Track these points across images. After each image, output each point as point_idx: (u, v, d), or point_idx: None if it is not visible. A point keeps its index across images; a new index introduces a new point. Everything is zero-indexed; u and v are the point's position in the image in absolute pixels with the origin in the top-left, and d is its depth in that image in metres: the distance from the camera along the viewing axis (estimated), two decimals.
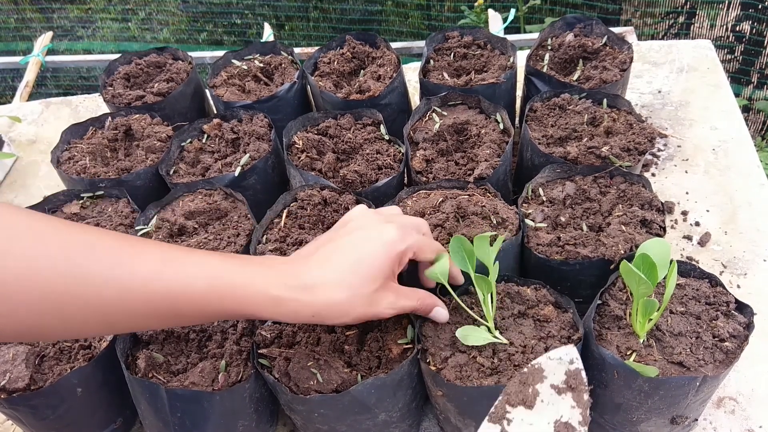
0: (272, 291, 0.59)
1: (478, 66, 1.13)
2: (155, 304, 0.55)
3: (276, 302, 0.59)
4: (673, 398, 0.65)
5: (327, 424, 0.71)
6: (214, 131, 1.06)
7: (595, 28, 1.14)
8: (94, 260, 0.53)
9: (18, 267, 0.50)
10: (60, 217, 0.97)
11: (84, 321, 0.54)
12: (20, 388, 0.74)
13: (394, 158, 0.97)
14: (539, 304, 0.74)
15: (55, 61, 2.10)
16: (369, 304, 0.62)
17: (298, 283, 0.60)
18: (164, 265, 0.56)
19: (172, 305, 0.56)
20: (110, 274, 0.53)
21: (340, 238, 0.65)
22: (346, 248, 0.63)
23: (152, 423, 0.74)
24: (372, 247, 0.63)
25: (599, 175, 0.88)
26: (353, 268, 0.62)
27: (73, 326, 0.54)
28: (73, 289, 0.52)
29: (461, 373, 0.68)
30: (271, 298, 0.59)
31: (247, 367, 0.74)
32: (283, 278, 0.60)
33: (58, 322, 0.53)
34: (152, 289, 0.55)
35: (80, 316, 0.53)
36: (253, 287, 0.59)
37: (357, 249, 0.63)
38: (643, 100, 1.23)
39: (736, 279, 0.92)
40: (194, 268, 0.57)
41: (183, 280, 0.56)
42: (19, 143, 1.44)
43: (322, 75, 1.16)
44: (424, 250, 0.68)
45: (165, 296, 0.55)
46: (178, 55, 1.28)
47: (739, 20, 2.36)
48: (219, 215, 0.92)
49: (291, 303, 0.59)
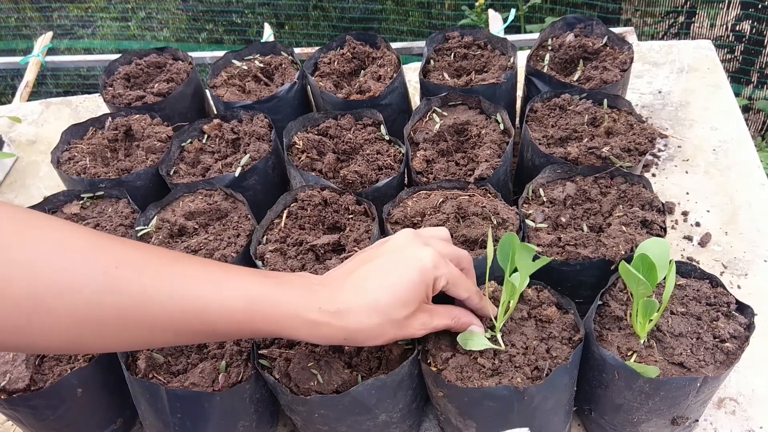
0: (308, 315, 0.59)
1: (478, 66, 1.13)
2: (193, 323, 0.56)
3: (311, 326, 0.59)
4: (673, 399, 0.65)
5: (327, 425, 0.71)
6: (215, 131, 1.06)
7: (596, 29, 1.14)
8: (139, 278, 0.53)
9: (63, 281, 0.49)
10: (60, 217, 0.97)
11: (119, 337, 0.54)
12: (20, 389, 0.74)
13: (395, 159, 0.97)
14: (542, 305, 0.74)
15: (55, 61, 2.10)
16: (401, 327, 0.62)
17: (332, 308, 0.60)
18: (204, 285, 0.56)
19: (209, 325, 0.56)
20: (153, 292, 0.53)
21: (377, 257, 0.65)
22: (380, 271, 0.63)
23: (152, 423, 0.74)
24: (406, 271, 0.62)
25: (600, 175, 0.88)
26: (387, 294, 0.61)
27: (108, 342, 0.54)
28: (116, 305, 0.52)
29: (462, 374, 0.67)
30: (306, 322, 0.59)
31: (248, 367, 0.74)
32: (318, 302, 0.60)
33: (95, 338, 0.53)
34: (192, 309, 0.55)
35: (117, 333, 0.53)
36: (289, 310, 0.59)
37: (391, 273, 0.63)
38: (644, 101, 1.23)
39: (737, 279, 0.92)
40: (233, 289, 0.57)
41: (222, 301, 0.56)
42: (19, 143, 1.44)
43: (323, 75, 1.16)
44: (457, 285, 0.66)
45: (203, 315, 0.56)
46: (178, 56, 1.28)
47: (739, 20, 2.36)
48: (219, 216, 0.92)
49: (325, 327, 0.60)
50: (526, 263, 0.66)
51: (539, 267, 0.66)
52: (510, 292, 0.68)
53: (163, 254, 0.57)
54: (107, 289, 0.51)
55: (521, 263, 0.66)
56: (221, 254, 0.84)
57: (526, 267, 0.66)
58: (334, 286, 0.63)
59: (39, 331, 0.50)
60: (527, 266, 0.66)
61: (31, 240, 0.50)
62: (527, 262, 0.65)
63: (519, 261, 0.66)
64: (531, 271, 0.67)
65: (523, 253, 0.65)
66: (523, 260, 0.66)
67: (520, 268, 0.66)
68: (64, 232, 0.52)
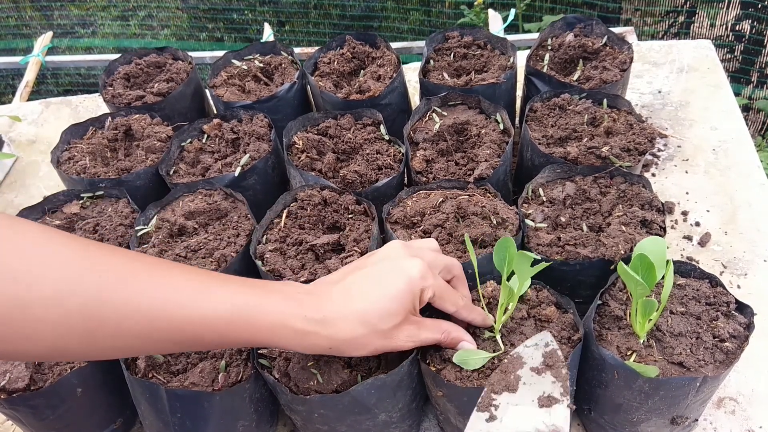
0: (294, 323, 0.59)
1: (478, 66, 1.13)
2: (177, 333, 0.56)
3: (296, 335, 0.59)
4: (673, 398, 0.65)
5: (327, 425, 0.71)
6: (214, 131, 1.06)
7: (595, 28, 1.14)
8: (125, 288, 0.53)
9: (48, 290, 0.49)
10: (60, 217, 0.97)
11: (105, 345, 0.54)
12: (20, 389, 0.74)
13: (394, 158, 0.97)
14: (541, 304, 0.74)
15: (55, 61, 2.10)
16: (386, 337, 0.62)
17: (318, 316, 0.60)
18: (189, 295, 0.56)
19: (195, 334, 0.56)
20: (138, 302, 0.53)
21: (365, 267, 0.65)
22: (367, 281, 0.63)
23: (152, 423, 0.74)
24: (393, 281, 0.62)
25: (599, 175, 0.88)
26: (373, 304, 0.61)
27: (94, 350, 0.54)
28: (101, 316, 0.52)
29: (461, 374, 0.68)
30: (292, 331, 0.59)
31: (247, 367, 0.74)
32: (303, 310, 0.60)
33: (81, 346, 0.53)
34: (176, 319, 0.55)
35: (103, 342, 0.53)
36: (275, 319, 0.59)
37: (378, 283, 0.62)
38: (643, 100, 1.23)
39: (737, 279, 0.92)
40: (218, 299, 0.57)
41: (207, 311, 0.56)
42: (19, 143, 1.44)
43: (322, 75, 1.16)
44: (444, 298, 0.66)
45: (187, 326, 0.55)
46: (178, 55, 1.28)
47: (738, 19, 2.36)
48: (219, 215, 0.92)
49: (310, 336, 0.60)
50: (524, 268, 0.66)
51: (537, 272, 0.66)
52: (507, 295, 0.68)
53: (150, 263, 0.57)
54: (93, 299, 0.51)
55: (519, 268, 0.66)
56: (221, 254, 0.84)
57: (524, 272, 0.66)
58: (320, 295, 0.63)
59: (25, 339, 0.50)
60: (525, 271, 0.66)
61: (17, 249, 0.50)
62: (525, 267, 0.65)
63: (517, 266, 0.66)
64: (528, 276, 0.67)
65: (522, 259, 0.65)
66: (521, 266, 0.66)
67: (518, 272, 0.67)
68: (49, 240, 0.52)
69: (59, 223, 0.95)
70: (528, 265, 0.65)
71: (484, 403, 0.63)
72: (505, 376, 0.64)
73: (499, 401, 0.62)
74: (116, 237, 0.91)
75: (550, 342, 0.66)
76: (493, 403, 0.62)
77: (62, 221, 0.96)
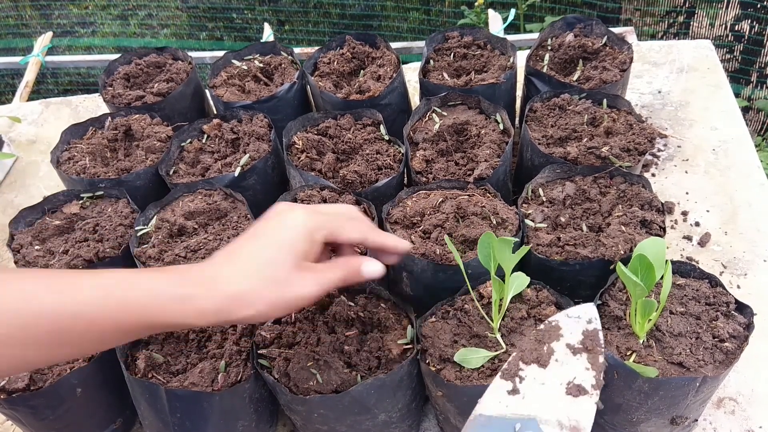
0: (167, 290, 0.55)
1: (478, 66, 1.13)
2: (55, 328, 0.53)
3: (173, 302, 0.55)
4: (673, 399, 0.65)
5: (327, 425, 0.71)
6: (214, 131, 1.06)
7: (595, 29, 1.14)
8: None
9: None
10: (60, 217, 0.97)
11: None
12: (20, 389, 0.74)
13: (394, 158, 0.97)
14: (540, 304, 0.74)
15: (55, 61, 2.10)
16: (280, 286, 0.57)
17: (202, 277, 0.57)
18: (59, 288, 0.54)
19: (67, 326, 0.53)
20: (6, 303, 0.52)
21: (250, 229, 0.63)
22: (251, 239, 0.61)
23: (152, 423, 0.75)
24: (276, 233, 0.60)
25: (599, 175, 0.88)
26: (256, 257, 0.58)
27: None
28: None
29: (461, 374, 0.68)
30: (167, 299, 0.55)
31: (247, 367, 0.74)
32: (184, 277, 0.57)
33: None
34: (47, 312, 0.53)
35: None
36: (146, 288, 0.55)
37: (261, 237, 0.61)
38: (643, 101, 1.23)
39: (736, 279, 0.92)
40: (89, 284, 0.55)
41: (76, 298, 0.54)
42: (19, 143, 1.44)
43: (322, 75, 1.16)
44: (345, 228, 0.63)
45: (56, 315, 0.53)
46: (178, 55, 1.28)
47: (738, 19, 2.36)
48: (219, 215, 0.92)
49: (192, 301, 0.55)
50: (506, 256, 0.64)
51: (520, 258, 0.65)
52: (499, 290, 0.68)
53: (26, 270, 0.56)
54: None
55: (501, 257, 0.64)
56: None
57: (507, 260, 0.65)
58: (206, 262, 0.60)
59: None
60: (508, 259, 0.64)
61: None
62: (507, 254, 0.64)
63: (499, 255, 0.64)
64: (513, 264, 0.66)
65: (502, 246, 0.63)
66: (502, 254, 0.64)
67: (500, 260, 0.65)
68: None
69: (59, 223, 0.95)
70: (509, 251, 0.64)
71: (510, 371, 0.59)
72: (539, 347, 0.60)
73: (526, 374, 0.59)
74: (116, 237, 0.91)
75: (594, 319, 0.61)
76: (519, 374, 0.59)
77: (62, 221, 0.96)
